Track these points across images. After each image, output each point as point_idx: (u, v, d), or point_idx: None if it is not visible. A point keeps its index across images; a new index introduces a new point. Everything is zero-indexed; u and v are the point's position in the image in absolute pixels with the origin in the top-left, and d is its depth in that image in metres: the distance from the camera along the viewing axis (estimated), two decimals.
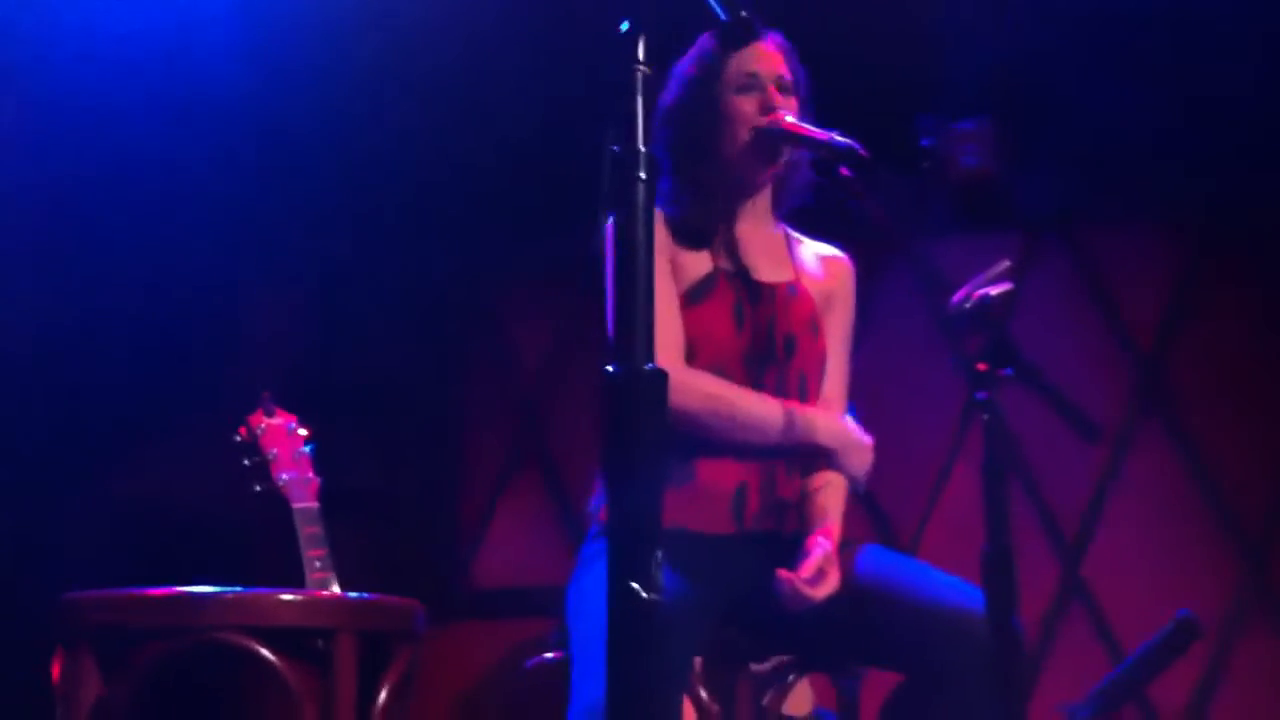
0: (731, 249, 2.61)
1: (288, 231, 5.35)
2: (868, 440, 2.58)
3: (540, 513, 5.41)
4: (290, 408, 2.92)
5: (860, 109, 2.70)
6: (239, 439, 2.87)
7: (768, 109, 2.56)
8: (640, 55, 1.54)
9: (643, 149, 1.52)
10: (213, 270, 5.23)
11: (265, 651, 2.42)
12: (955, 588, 2.46)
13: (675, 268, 2.56)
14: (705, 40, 2.63)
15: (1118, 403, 4.79)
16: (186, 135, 4.67)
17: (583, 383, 5.28)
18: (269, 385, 3.02)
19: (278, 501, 2.82)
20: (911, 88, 4.55)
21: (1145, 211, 4.84)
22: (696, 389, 2.47)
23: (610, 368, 1.50)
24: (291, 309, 5.72)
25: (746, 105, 2.58)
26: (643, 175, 1.51)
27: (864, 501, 2.64)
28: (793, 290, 2.62)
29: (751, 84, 2.59)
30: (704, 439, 2.48)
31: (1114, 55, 4.41)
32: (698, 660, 2.51)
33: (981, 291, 2.20)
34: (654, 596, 1.42)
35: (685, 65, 2.64)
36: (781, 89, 2.59)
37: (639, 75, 1.53)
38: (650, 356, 1.49)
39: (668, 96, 2.64)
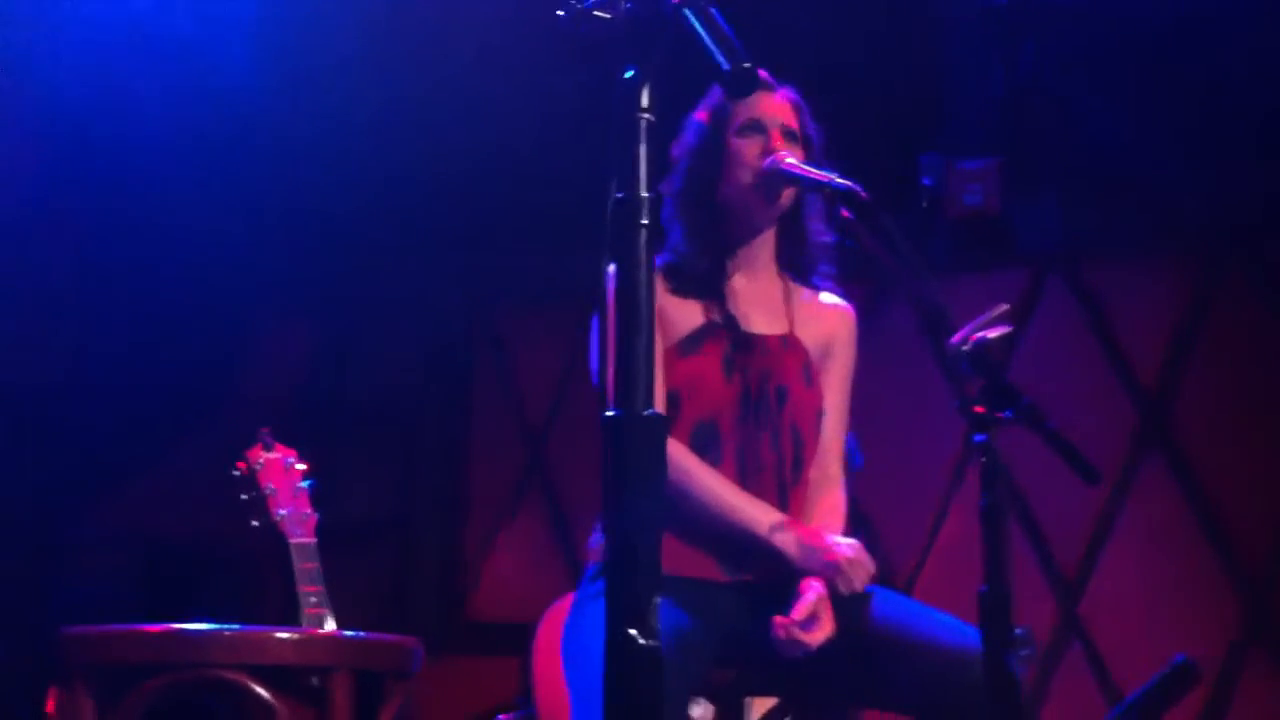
0: (725, 300, 2.62)
1: (293, 262, 5.36)
2: (846, 554, 2.47)
3: (543, 545, 5.39)
4: (294, 438, 2.91)
5: (862, 148, 2.73)
6: (237, 474, 2.86)
7: (768, 151, 2.57)
8: (644, 102, 1.54)
9: (646, 195, 1.52)
10: (216, 302, 5.24)
11: (261, 689, 2.41)
12: (953, 628, 2.46)
13: (665, 319, 2.56)
14: (716, 89, 2.64)
15: (1120, 440, 4.78)
16: (189, 169, 4.69)
17: (589, 413, 5.25)
18: (273, 417, 3.01)
19: (275, 537, 2.82)
20: (914, 127, 4.57)
21: (1149, 248, 4.83)
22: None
23: (610, 412, 1.50)
24: (296, 340, 5.73)
25: (748, 148, 2.60)
26: (645, 221, 1.52)
27: (861, 540, 2.59)
28: (785, 342, 2.63)
29: (754, 128, 2.61)
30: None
31: (1117, 90, 4.42)
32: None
33: (980, 335, 2.20)
34: (652, 643, 1.41)
35: (696, 112, 2.67)
36: (787, 136, 2.61)
37: (643, 122, 1.54)
38: (650, 402, 1.49)
39: (677, 141, 2.66)
